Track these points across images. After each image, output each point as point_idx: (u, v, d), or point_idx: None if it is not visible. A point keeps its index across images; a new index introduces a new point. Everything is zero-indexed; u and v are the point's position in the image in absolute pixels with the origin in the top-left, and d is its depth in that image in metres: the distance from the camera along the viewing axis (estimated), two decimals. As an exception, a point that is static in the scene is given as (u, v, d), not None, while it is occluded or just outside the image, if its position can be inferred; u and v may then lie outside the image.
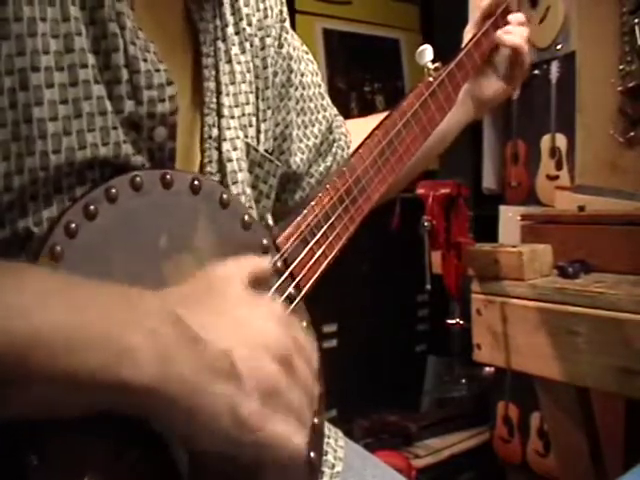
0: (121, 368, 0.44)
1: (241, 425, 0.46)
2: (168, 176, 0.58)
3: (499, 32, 0.94)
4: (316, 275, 0.66)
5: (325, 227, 0.67)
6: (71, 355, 0.43)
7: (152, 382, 0.44)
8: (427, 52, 0.85)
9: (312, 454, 0.64)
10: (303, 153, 0.84)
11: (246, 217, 0.64)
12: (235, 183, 0.69)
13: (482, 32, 0.93)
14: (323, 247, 0.66)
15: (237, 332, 0.48)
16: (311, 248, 0.65)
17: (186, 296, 0.50)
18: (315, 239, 0.65)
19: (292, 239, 0.65)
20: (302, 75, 0.84)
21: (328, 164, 0.88)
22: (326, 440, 0.77)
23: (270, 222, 0.77)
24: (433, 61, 0.85)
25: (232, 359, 0.47)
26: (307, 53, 0.87)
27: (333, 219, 0.68)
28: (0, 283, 0.44)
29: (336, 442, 0.79)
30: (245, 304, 0.51)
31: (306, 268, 0.65)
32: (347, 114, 0.95)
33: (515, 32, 0.95)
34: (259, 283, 0.57)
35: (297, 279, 0.65)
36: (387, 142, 0.76)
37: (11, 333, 0.42)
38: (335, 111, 0.92)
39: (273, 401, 0.47)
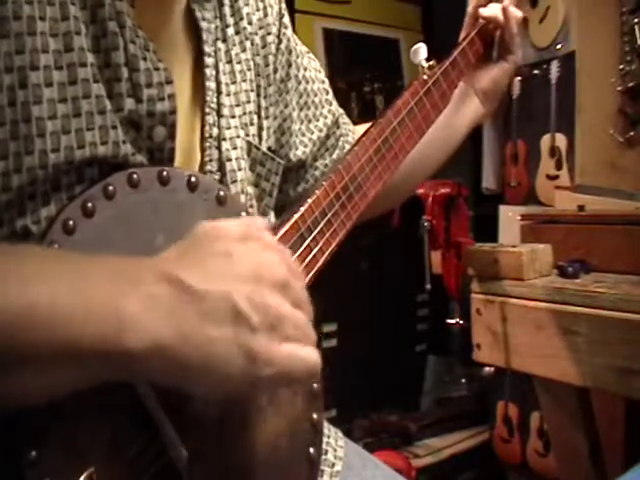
0: (123, 336, 0.44)
1: (256, 360, 0.46)
2: (165, 173, 0.58)
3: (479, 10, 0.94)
4: (313, 271, 0.66)
5: (322, 224, 0.67)
6: (70, 327, 0.44)
7: (158, 344, 0.45)
8: (421, 50, 0.85)
9: (311, 450, 0.65)
10: (306, 147, 0.84)
11: (243, 214, 0.64)
12: (234, 182, 0.69)
13: (476, 31, 0.93)
14: (320, 244, 0.66)
15: (231, 272, 0.48)
16: (308, 245, 0.66)
17: (177, 254, 0.50)
18: (312, 236, 0.65)
19: (289, 236, 0.65)
20: (305, 69, 0.84)
21: (335, 158, 0.88)
22: (326, 439, 0.77)
23: (272, 220, 0.77)
24: (428, 59, 0.85)
25: (232, 300, 0.47)
26: (308, 52, 0.87)
27: (330, 216, 0.68)
28: None
29: (336, 442, 0.79)
30: (233, 242, 0.50)
31: (303, 265, 0.65)
32: (347, 114, 0.94)
33: (492, 6, 0.95)
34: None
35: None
36: (382, 140, 0.76)
37: (9, 311, 0.43)
38: (341, 109, 0.92)
39: (280, 327, 0.48)
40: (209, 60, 0.68)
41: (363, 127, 0.94)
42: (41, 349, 0.44)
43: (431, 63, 0.85)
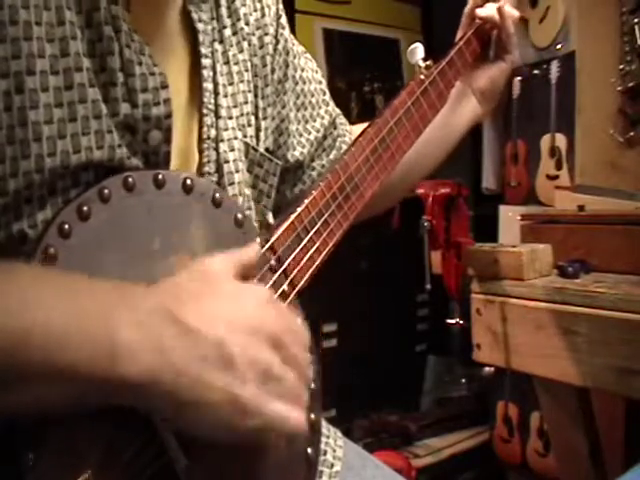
0: (116, 362, 0.44)
1: (241, 412, 0.47)
2: (160, 176, 0.58)
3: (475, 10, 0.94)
4: (310, 272, 0.66)
5: (319, 224, 0.67)
6: (65, 351, 0.44)
7: (147, 375, 0.45)
8: (418, 50, 0.85)
9: (309, 450, 0.65)
10: (303, 147, 0.84)
11: (239, 215, 0.64)
12: (232, 184, 0.69)
13: (472, 31, 0.93)
14: (317, 244, 0.66)
15: (228, 320, 0.49)
16: (305, 245, 0.66)
17: (177, 289, 0.50)
18: (309, 236, 0.66)
19: (285, 236, 0.65)
20: (302, 70, 0.84)
21: (332, 158, 0.88)
22: (325, 440, 0.77)
23: (271, 221, 0.77)
24: (425, 59, 0.85)
25: (225, 348, 0.47)
26: (305, 52, 0.87)
27: (326, 216, 0.68)
28: None
29: (335, 442, 0.79)
30: (234, 292, 0.51)
31: (300, 265, 0.65)
32: (347, 114, 0.94)
33: (488, 6, 0.95)
34: (248, 271, 0.57)
35: (291, 276, 0.65)
36: (379, 140, 0.76)
37: (5, 331, 0.43)
38: (338, 110, 0.92)
39: (269, 383, 0.48)
40: (206, 61, 0.68)
41: (361, 127, 0.95)
42: (37, 370, 0.44)
43: (428, 63, 0.85)
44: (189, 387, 0.46)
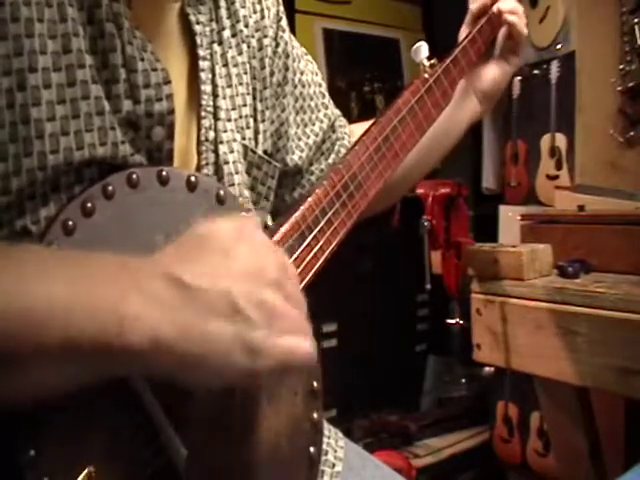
0: (124, 334, 0.45)
1: (255, 354, 0.48)
2: (164, 173, 0.58)
3: (505, 15, 0.94)
4: (313, 270, 0.66)
5: (322, 222, 0.67)
6: (70, 325, 0.44)
7: (159, 340, 0.45)
8: (423, 49, 0.85)
9: (312, 449, 0.65)
10: (302, 151, 0.84)
11: (243, 213, 0.64)
12: (232, 185, 0.69)
13: (477, 29, 0.93)
14: (320, 243, 0.66)
15: (229, 270, 0.49)
16: (308, 244, 0.66)
17: (177, 253, 0.50)
18: (312, 235, 0.65)
19: (289, 235, 0.65)
20: (301, 73, 0.84)
21: (330, 162, 0.88)
22: (326, 440, 0.77)
23: (269, 223, 0.76)
24: (429, 58, 0.85)
25: (231, 297, 0.48)
26: (306, 54, 0.87)
27: (330, 214, 0.68)
28: None
29: (336, 442, 0.79)
30: (229, 242, 0.51)
31: (304, 264, 0.65)
32: (347, 114, 0.94)
33: (508, 1, 0.94)
34: None
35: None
36: (383, 138, 0.76)
37: (7, 309, 0.43)
38: (338, 111, 0.92)
39: (277, 322, 0.49)
40: (204, 64, 0.68)
41: (362, 124, 0.95)
42: (41, 348, 0.44)
43: (432, 62, 0.85)
44: (198, 343, 0.47)
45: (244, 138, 0.72)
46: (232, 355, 0.47)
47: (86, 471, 0.47)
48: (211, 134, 0.68)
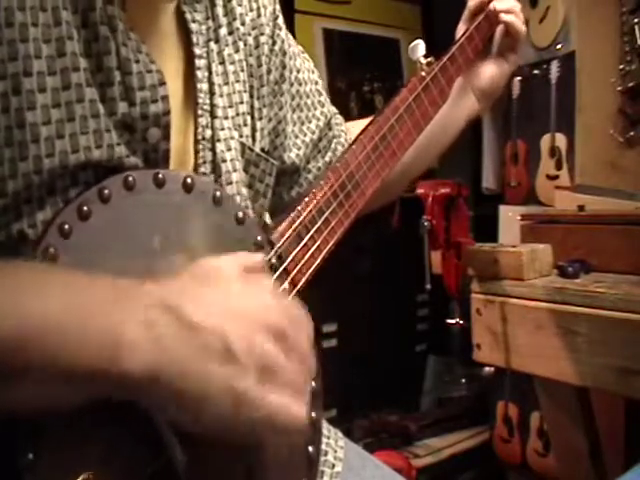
0: (118, 359, 0.44)
1: (240, 403, 0.47)
2: (160, 175, 0.58)
3: (501, 14, 0.94)
4: (311, 270, 0.66)
5: (319, 222, 0.67)
6: (66, 350, 0.44)
7: (149, 370, 0.45)
8: (419, 47, 0.85)
9: (310, 448, 0.65)
10: (299, 149, 0.84)
11: (240, 214, 0.64)
12: (230, 184, 0.69)
13: (474, 26, 0.92)
14: (318, 242, 0.66)
15: (230, 313, 0.48)
16: (305, 244, 0.66)
17: (179, 284, 0.50)
18: (309, 234, 0.65)
19: (286, 235, 0.65)
20: (298, 71, 0.84)
21: (327, 160, 0.88)
22: (326, 440, 0.77)
23: (268, 221, 0.76)
24: (426, 56, 0.85)
25: (226, 340, 0.47)
26: (302, 52, 0.87)
27: (327, 214, 0.68)
28: None
29: (336, 442, 0.79)
30: (236, 285, 0.51)
31: (301, 263, 0.65)
32: (347, 114, 0.94)
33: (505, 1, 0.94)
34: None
35: (292, 274, 0.65)
36: (380, 137, 0.75)
37: (4, 330, 0.43)
38: (334, 109, 0.92)
39: (270, 376, 0.48)
40: (200, 62, 0.67)
41: (359, 122, 0.95)
42: (34, 368, 0.44)
43: (429, 59, 0.85)
44: (190, 381, 0.46)
45: (241, 136, 0.72)
46: (219, 400, 0.46)
47: (84, 476, 0.47)
48: (208, 132, 0.68)
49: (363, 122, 0.79)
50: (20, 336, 0.43)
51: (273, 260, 0.63)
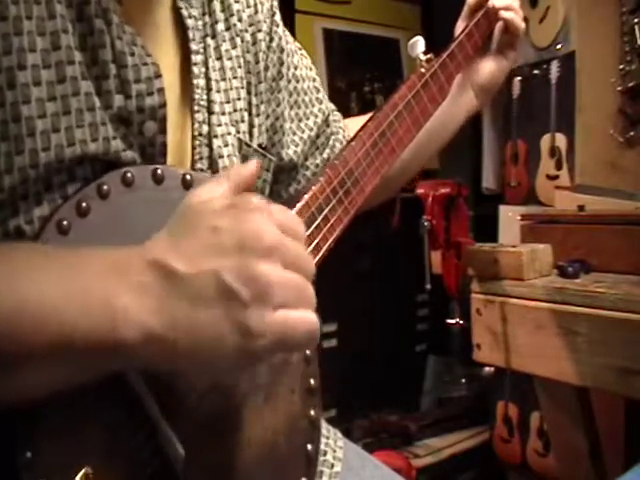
0: (116, 328, 0.44)
1: (249, 335, 0.46)
2: (159, 171, 0.58)
3: (500, 11, 0.94)
4: None
5: (318, 220, 0.67)
6: (62, 322, 0.44)
7: (149, 332, 0.45)
8: (419, 43, 0.85)
9: (309, 447, 0.65)
10: (297, 146, 0.84)
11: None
12: None
13: (474, 23, 0.92)
14: (317, 239, 0.66)
15: (217, 248, 0.47)
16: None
17: (165, 238, 0.49)
18: (309, 232, 0.65)
19: None
20: (295, 68, 0.84)
21: (325, 157, 0.88)
22: (325, 440, 0.77)
23: None
24: (425, 52, 0.85)
25: (218, 278, 0.46)
26: (300, 49, 0.87)
27: (326, 211, 0.68)
28: None
29: (335, 442, 0.79)
30: (223, 219, 0.48)
31: None
32: (347, 114, 0.94)
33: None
34: (248, 188, 0.54)
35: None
36: (379, 134, 0.75)
37: (1, 310, 0.43)
38: (332, 105, 0.92)
39: (271, 295, 0.46)
40: (197, 57, 0.67)
41: (357, 119, 0.95)
42: (34, 346, 0.44)
43: (429, 56, 0.85)
44: (187, 332, 0.45)
45: (239, 132, 0.72)
46: (226, 339, 0.45)
47: (83, 472, 0.47)
48: (205, 128, 0.67)
49: (362, 119, 0.78)
50: (18, 317, 0.44)
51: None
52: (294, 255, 0.49)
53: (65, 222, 0.52)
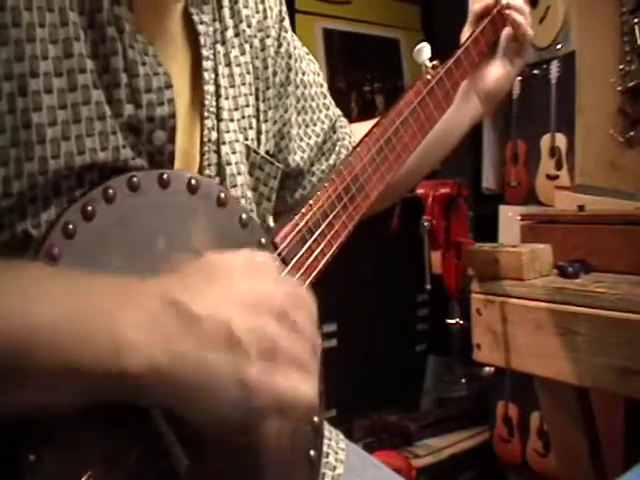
0: (121, 357, 0.44)
1: (247, 389, 0.46)
2: (165, 176, 0.58)
3: (512, 12, 0.94)
4: (314, 273, 0.66)
5: (323, 225, 0.67)
6: (71, 348, 0.44)
7: (154, 366, 0.45)
8: (425, 50, 0.85)
9: (312, 452, 0.64)
10: (304, 152, 0.84)
11: (244, 216, 0.64)
12: (234, 186, 0.68)
13: (480, 30, 0.92)
14: (321, 245, 0.66)
15: (231, 301, 0.48)
16: (309, 247, 0.65)
17: (178, 279, 0.50)
18: (313, 237, 0.65)
19: (290, 238, 0.65)
20: (303, 74, 0.84)
21: (331, 163, 0.88)
22: (327, 442, 0.77)
23: (271, 224, 0.76)
24: (431, 59, 0.85)
25: (229, 327, 0.46)
26: (308, 54, 0.87)
27: (331, 217, 0.68)
28: None
29: (337, 444, 0.79)
30: (238, 275, 0.50)
31: (304, 266, 0.65)
32: (347, 114, 0.94)
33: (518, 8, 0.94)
34: None
35: (295, 278, 0.65)
36: (385, 140, 0.75)
37: (11, 332, 0.43)
38: (339, 111, 0.92)
39: (277, 358, 0.47)
40: (207, 64, 0.67)
41: (363, 124, 0.95)
42: (43, 369, 0.44)
43: (435, 63, 0.85)
44: (194, 372, 0.46)
45: (247, 139, 0.72)
46: (226, 388, 0.46)
47: (85, 477, 0.47)
48: (214, 135, 0.67)
49: (367, 124, 0.79)
50: (23, 340, 0.43)
51: (276, 263, 0.63)
52: (303, 324, 0.50)
53: (71, 225, 0.52)
